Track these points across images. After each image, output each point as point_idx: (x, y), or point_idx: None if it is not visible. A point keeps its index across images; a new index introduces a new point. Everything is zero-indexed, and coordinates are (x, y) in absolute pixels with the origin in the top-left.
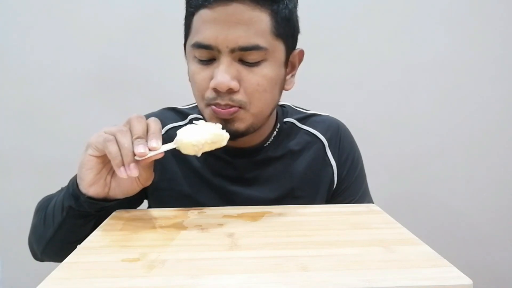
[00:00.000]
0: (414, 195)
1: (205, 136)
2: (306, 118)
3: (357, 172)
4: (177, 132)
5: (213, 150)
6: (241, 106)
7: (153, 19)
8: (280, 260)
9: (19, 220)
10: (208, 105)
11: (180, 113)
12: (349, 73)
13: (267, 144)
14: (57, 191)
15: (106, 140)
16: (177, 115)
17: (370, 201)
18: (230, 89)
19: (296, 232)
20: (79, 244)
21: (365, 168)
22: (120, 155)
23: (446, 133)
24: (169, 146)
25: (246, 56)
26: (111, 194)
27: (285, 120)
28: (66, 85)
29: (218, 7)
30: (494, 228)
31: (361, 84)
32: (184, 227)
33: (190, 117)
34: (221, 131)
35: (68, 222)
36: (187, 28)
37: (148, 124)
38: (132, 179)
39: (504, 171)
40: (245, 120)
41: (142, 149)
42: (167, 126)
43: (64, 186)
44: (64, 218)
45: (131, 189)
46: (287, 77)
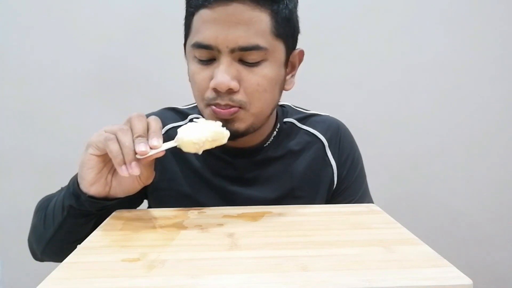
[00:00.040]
0: (414, 195)
1: (206, 134)
2: (306, 118)
3: (357, 172)
4: (178, 130)
5: (213, 150)
6: (241, 106)
7: (153, 19)
8: (280, 260)
9: (19, 220)
10: (208, 105)
11: (180, 113)
12: (349, 73)
13: (267, 144)
14: (57, 191)
15: (107, 139)
16: (177, 115)
17: (370, 201)
18: (230, 89)
19: (296, 232)
20: (79, 244)
21: (365, 168)
22: (122, 154)
23: (446, 133)
24: (170, 144)
25: (246, 56)
26: (112, 193)
27: (285, 120)
28: (66, 85)
29: (218, 7)
30: (494, 228)
31: (361, 84)
32: (184, 227)
33: (190, 117)
34: (222, 129)
35: (69, 222)
36: (187, 28)
37: (149, 123)
38: (133, 178)
39: (504, 171)
40: (245, 120)
41: (143, 148)
42: (167, 126)
43: (64, 186)
44: (65, 218)
45: (132, 188)
46: (287, 77)
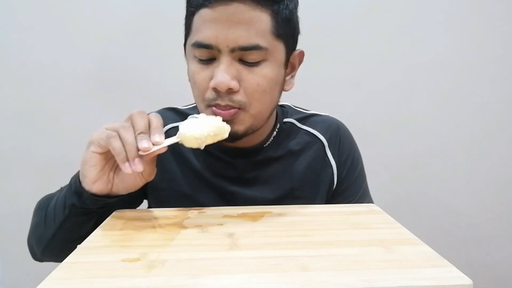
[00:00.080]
0: (414, 195)
1: (207, 129)
2: (306, 118)
3: (357, 172)
4: (179, 126)
5: (213, 151)
6: (241, 107)
7: (153, 19)
8: (280, 260)
9: (19, 220)
10: (209, 106)
11: (180, 113)
12: (349, 73)
13: (267, 144)
14: (57, 191)
15: (109, 137)
16: (177, 115)
17: (370, 201)
18: (230, 89)
19: (296, 232)
20: (79, 244)
21: (365, 168)
22: (124, 151)
23: (446, 133)
24: (172, 140)
25: (246, 56)
26: (114, 190)
27: (285, 120)
28: (66, 85)
29: (219, 7)
30: (494, 228)
31: (361, 84)
32: (184, 227)
33: (190, 117)
34: (222, 123)
35: (70, 220)
36: (187, 28)
37: (150, 119)
38: (136, 175)
39: (504, 171)
40: (245, 122)
41: (146, 144)
42: (167, 126)
43: (64, 186)
44: (66, 216)
45: (135, 185)
46: (287, 78)
